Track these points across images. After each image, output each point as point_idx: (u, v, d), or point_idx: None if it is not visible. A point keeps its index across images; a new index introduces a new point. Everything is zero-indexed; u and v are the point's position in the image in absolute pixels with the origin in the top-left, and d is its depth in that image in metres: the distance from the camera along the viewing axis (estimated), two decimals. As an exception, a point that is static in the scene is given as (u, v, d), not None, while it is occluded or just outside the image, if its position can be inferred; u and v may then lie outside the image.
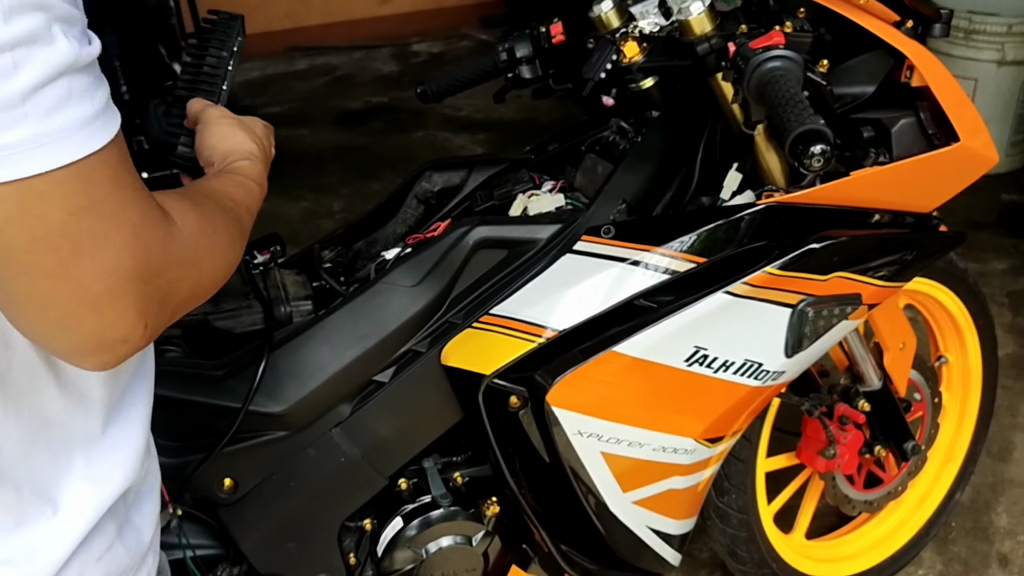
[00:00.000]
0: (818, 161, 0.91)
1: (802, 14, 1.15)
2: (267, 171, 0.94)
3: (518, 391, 1.17)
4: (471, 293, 1.21)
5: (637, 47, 1.27)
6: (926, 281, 1.62)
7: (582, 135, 1.42)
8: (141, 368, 0.80)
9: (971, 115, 1.20)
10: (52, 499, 0.70)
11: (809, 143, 0.91)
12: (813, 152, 0.91)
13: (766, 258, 1.17)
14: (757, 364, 1.21)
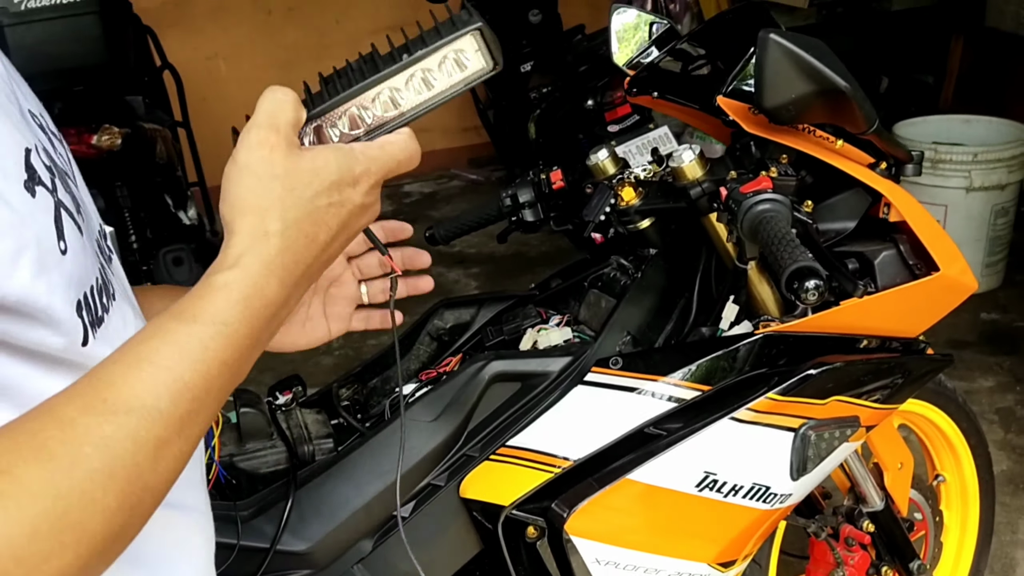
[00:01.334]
0: (812, 295, 0.99)
1: (785, 159, 1.26)
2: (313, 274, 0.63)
3: (536, 521, 1.21)
4: (487, 426, 1.26)
5: (633, 191, 1.37)
6: (918, 402, 1.68)
7: (584, 272, 1.50)
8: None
9: (947, 246, 1.29)
10: None
11: (803, 279, 0.99)
12: (807, 287, 0.99)
13: (767, 384, 1.24)
14: (765, 487, 1.26)
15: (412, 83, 0.68)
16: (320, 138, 0.68)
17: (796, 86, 1.11)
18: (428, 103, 0.69)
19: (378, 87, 0.68)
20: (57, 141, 0.65)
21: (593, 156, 1.44)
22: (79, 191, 0.65)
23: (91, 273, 0.59)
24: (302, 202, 0.62)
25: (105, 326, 0.60)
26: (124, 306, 0.66)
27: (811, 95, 1.11)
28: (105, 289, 0.62)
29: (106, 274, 0.64)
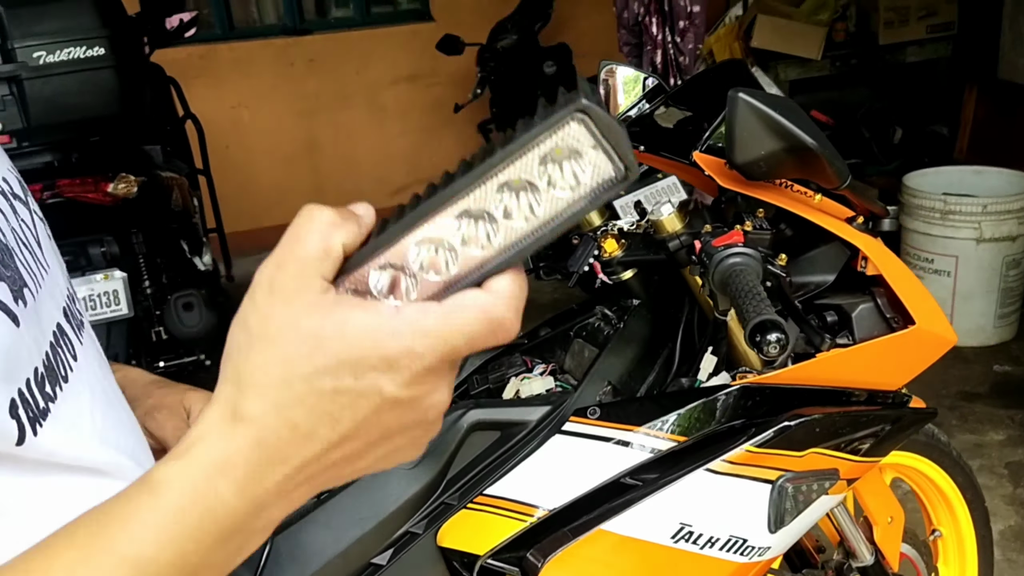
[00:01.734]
0: (774, 348, 1.00)
1: (761, 213, 1.28)
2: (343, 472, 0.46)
3: (511, 571, 1.22)
4: (466, 474, 1.28)
5: (616, 243, 1.39)
6: (911, 455, 1.67)
7: (571, 321, 1.52)
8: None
9: (925, 299, 1.30)
10: None
11: (765, 332, 1.00)
12: (769, 340, 1.00)
13: (743, 436, 1.24)
14: (742, 540, 1.25)
15: (503, 202, 0.43)
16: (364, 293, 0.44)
17: (765, 143, 1.13)
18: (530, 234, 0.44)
19: (451, 208, 0.43)
20: (19, 204, 0.64)
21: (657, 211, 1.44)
22: (36, 259, 0.61)
23: (30, 362, 0.55)
24: (294, 381, 0.42)
25: (53, 417, 0.56)
26: (79, 387, 0.61)
27: (780, 152, 1.14)
28: (51, 375, 0.58)
29: (57, 356, 0.60)
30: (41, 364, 0.56)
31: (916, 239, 3.36)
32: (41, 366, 0.56)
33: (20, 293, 0.55)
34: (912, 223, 3.34)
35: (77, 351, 0.63)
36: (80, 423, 0.59)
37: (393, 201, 4.91)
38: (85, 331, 0.67)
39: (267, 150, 5.08)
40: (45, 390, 0.55)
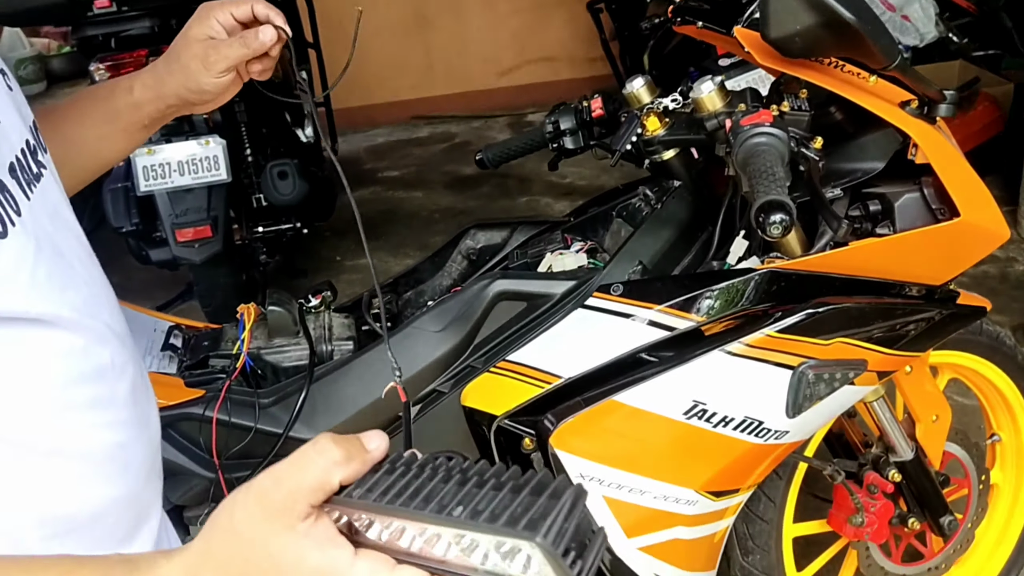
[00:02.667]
0: (776, 229, 0.98)
1: (803, 94, 1.23)
2: None
3: (527, 433, 1.27)
4: (491, 340, 1.33)
5: (659, 122, 1.37)
6: (972, 356, 1.62)
7: (616, 201, 1.52)
8: None
9: (976, 191, 1.23)
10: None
11: (770, 212, 0.99)
12: (773, 220, 0.98)
13: (767, 320, 1.24)
14: (757, 422, 1.26)
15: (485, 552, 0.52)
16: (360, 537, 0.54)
17: (800, 17, 1.08)
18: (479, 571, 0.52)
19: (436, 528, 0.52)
20: None
21: (629, 84, 1.45)
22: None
23: None
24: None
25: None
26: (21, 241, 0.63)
27: (816, 27, 1.08)
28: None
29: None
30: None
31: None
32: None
33: None
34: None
35: (21, 205, 0.65)
36: (16, 277, 0.61)
37: (501, 83, 4.86)
38: (39, 185, 0.69)
39: (379, 26, 5.10)
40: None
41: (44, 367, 0.64)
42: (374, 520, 0.53)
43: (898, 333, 1.29)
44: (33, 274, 0.63)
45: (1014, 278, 3.07)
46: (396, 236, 3.83)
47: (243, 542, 0.51)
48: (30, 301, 0.63)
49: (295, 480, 0.51)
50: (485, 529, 0.50)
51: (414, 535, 0.53)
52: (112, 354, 0.71)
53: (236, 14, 0.94)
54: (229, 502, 0.53)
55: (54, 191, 0.73)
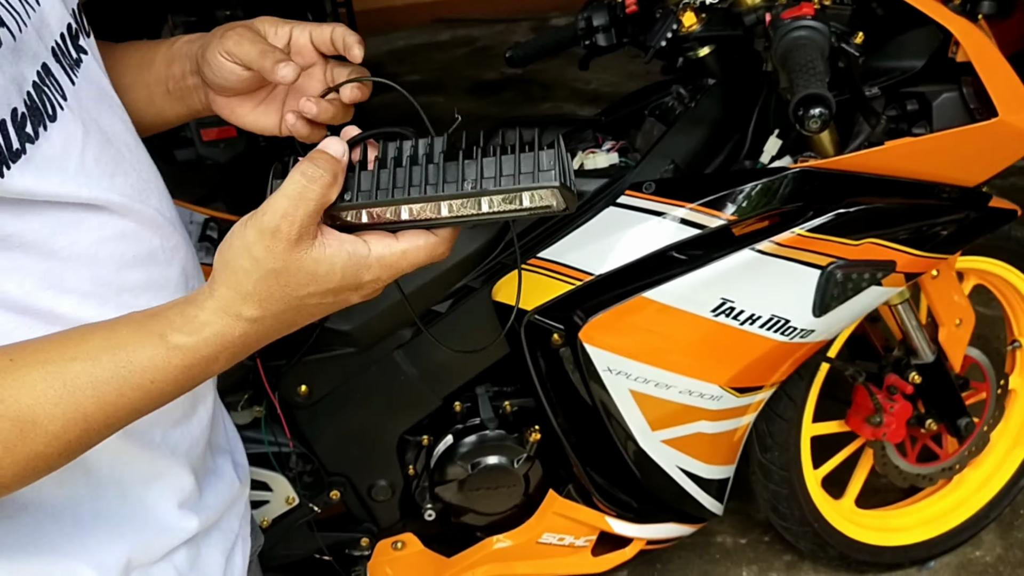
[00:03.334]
0: (815, 123, 0.98)
1: (847, -13, 1.21)
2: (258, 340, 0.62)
3: (556, 328, 1.30)
4: (523, 238, 1.34)
5: (695, 17, 1.35)
6: (997, 262, 1.62)
7: (648, 99, 1.51)
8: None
9: (1016, 92, 1.22)
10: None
11: (809, 106, 0.98)
12: (812, 114, 0.98)
13: (797, 219, 1.25)
14: (784, 320, 1.28)
15: (479, 203, 0.61)
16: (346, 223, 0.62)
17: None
18: (476, 219, 0.62)
19: (443, 201, 0.61)
20: None
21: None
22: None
23: (7, 104, 0.58)
24: (290, 299, 0.60)
25: (29, 156, 0.59)
26: (69, 126, 0.63)
27: (863, -84, 1.06)
28: (35, 115, 0.60)
29: (42, 96, 0.62)
30: (22, 104, 0.59)
31: (1081, 45, 3.04)
32: (22, 106, 0.59)
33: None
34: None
35: (67, 90, 0.64)
36: (64, 163, 0.61)
37: None
38: (82, 68, 0.68)
39: (400, -76, 4.97)
40: (26, 130, 0.59)
41: (97, 250, 0.65)
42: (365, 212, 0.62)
43: (928, 234, 1.30)
44: (82, 159, 0.64)
45: (1043, 190, 3.04)
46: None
47: (277, 273, 0.59)
48: (79, 185, 0.63)
49: (302, 211, 0.59)
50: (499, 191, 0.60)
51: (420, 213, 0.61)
52: (162, 239, 0.72)
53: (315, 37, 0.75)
54: (240, 244, 0.59)
55: (98, 76, 0.72)
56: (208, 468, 0.81)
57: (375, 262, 0.61)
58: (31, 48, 0.62)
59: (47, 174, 0.60)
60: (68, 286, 0.64)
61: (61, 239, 0.63)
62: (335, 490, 1.44)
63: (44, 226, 0.62)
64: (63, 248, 0.63)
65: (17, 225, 0.60)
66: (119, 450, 0.69)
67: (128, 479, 0.71)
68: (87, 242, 0.65)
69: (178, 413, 0.76)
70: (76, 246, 0.64)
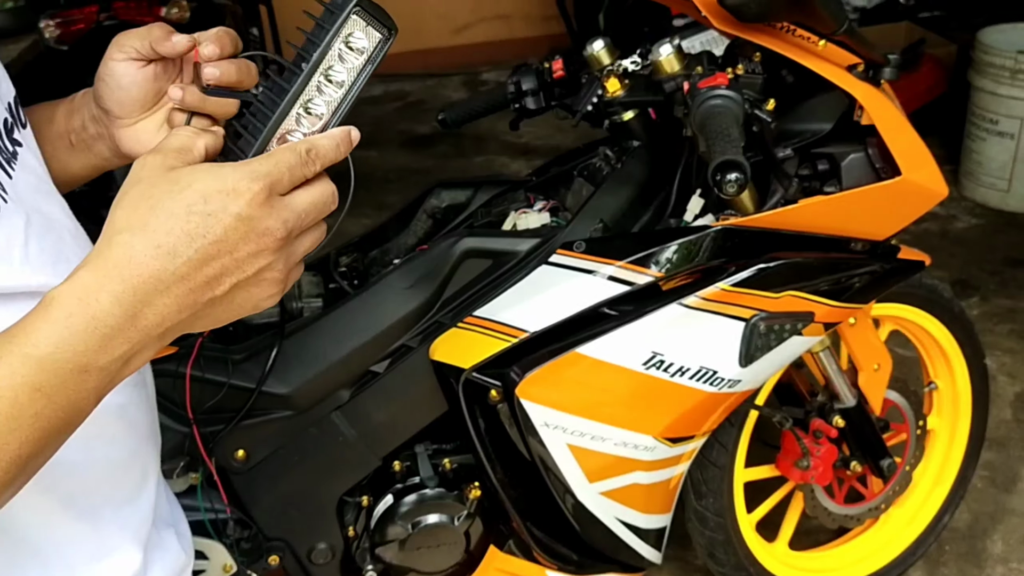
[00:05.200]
0: (731, 187, 1.04)
1: (757, 57, 1.28)
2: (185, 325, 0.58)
3: (494, 384, 1.33)
4: (459, 296, 1.37)
5: (619, 83, 1.41)
6: (910, 308, 1.70)
7: (576, 160, 1.57)
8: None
9: (917, 151, 1.30)
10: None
11: (726, 171, 1.04)
12: (728, 179, 1.04)
13: (721, 275, 1.30)
14: (712, 371, 1.33)
15: (321, 88, 0.64)
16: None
17: (755, -16, 1.13)
18: (343, 101, 0.65)
19: (293, 109, 0.64)
20: None
21: (589, 46, 1.48)
22: None
23: None
24: (155, 206, 0.55)
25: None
26: (12, 219, 0.65)
27: (770, -7, 1.13)
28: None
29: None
30: None
31: (983, 99, 3.23)
32: None
33: None
34: (980, 81, 3.20)
35: (5, 184, 0.66)
36: (9, 254, 0.63)
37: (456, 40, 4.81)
38: (19, 161, 0.69)
39: (331, -18, 5.03)
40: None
41: None
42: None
43: (843, 286, 1.37)
44: (26, 249, 0.65)
45: (954, 235, 3.19)
46: (352, 196, 3.83)
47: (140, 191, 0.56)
48: (24, 275, 0.64)
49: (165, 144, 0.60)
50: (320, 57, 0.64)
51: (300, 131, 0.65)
52: None
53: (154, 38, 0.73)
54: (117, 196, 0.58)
55: (34, 164, 0.73)
56: (154, 543, 0.81)
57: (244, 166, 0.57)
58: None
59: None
60: None
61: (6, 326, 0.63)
62: (274, 555, 1.43)
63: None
64: None
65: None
66: (68, 529, 0.69)
67: (76, 558, 0.71)
68: None
69: (127, 490, 0.76)
70: None
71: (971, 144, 3.34)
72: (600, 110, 1.47)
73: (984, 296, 2.82)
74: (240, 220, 0.55)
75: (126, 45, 0.74)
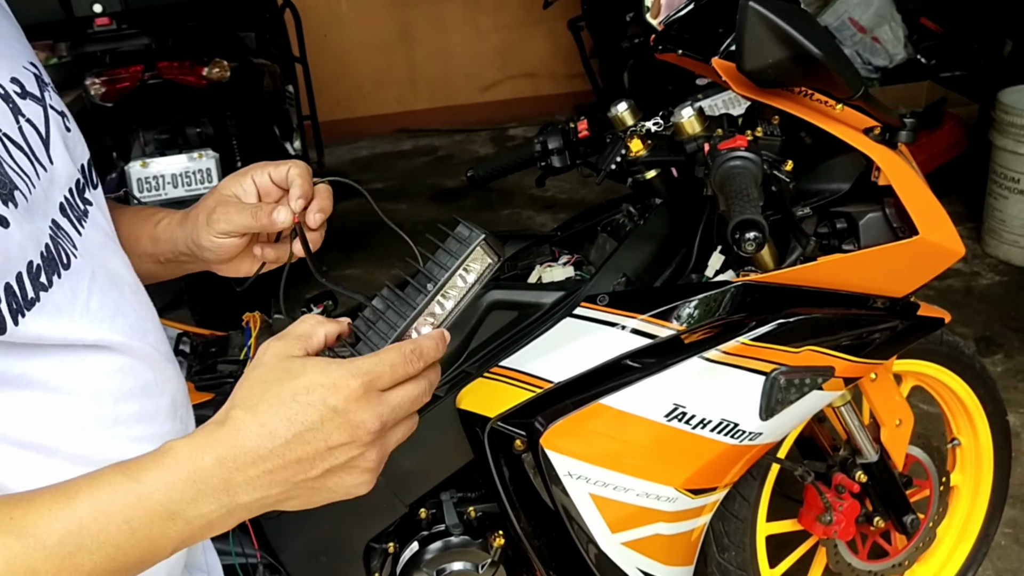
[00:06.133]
0: (750, 245, 1.08)
1: (776, 120, 1.33)
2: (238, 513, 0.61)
3: (519, 434, 1.36)
4: (485, 347, 1.41)
5: (641, 144, 1.47)
6: (932, 365, 1.72)
7: (599, 216, 1.62)
8: None
9: (934, 211, 1.34)
10: None
11: (745, 230, 1.08)
12: (747, 238, 1.08)
13: (742, 329, 1.33)
14: (733, 424, 1.36)
15: (437, 302, 0.74)
16: None
17: (772, 51, 1.18)
18: (451, 312, 0.75)
19: (412, 325, 0.73)
20: (30, 101, 0.70)
21: (613, 108, 1.54)
22: (32, 159, 0.68)
23: (23, 258, 0.63)
24: (267, 390, 0.61)
25: (42, 304, 0.64)
26: (79, 274, 0.68)
27: (787, 60, 1.18)
28: (50, 265, 0.65)
29: (57, 246, 0.67)
30: (38, 256, 0.65)
31: (1004, 157, 3.26)
32: (38, 258, 0.65)
33: (11, 196, 0.64)
34: (1001, 140, 3.24)
35: (75, 241, 0.70)
36: (72, 308, 0.67)
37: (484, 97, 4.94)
38: (89, 219, 0.75)
39: (363, 40, 5.19)
40: (40, 280, 0.64)
41: (97, 385, 0.70)
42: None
43: (863, 342, 1.39)
44: (87, 304, 0.70)
45: (978, 292, 3.20)
46: (381, 247, 3.91)
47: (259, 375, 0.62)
48: (84, 329, 0.69)
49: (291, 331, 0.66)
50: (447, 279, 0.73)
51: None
52: (156, 372, 0.76)
53: (274, 175, 0.85)
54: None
55: (103, 223, 0.79)
56: None
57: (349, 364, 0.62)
58: (41, 206, 0.68)
59: (56, 320, 0.65)
60: (67, 421, 0.68)
61: (64, 377, 0.68)
62: (302, 600, 1.46)
63: (50, 366, 0.66)
64: (66, 385, 0.68)
65: (24, 367, 0.65)
66: None
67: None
68: (89, 379, 0.70)
69: None
70: (79, 383, 0.69)
71: (993, 202, 3.36)
72: (623, 169, 1.52)
73: (1008, 353, 2.82)
74: (336, 412, 0.60)
75: (226, 229, 0.83)
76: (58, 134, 0.74)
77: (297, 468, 0.61)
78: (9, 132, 0.68)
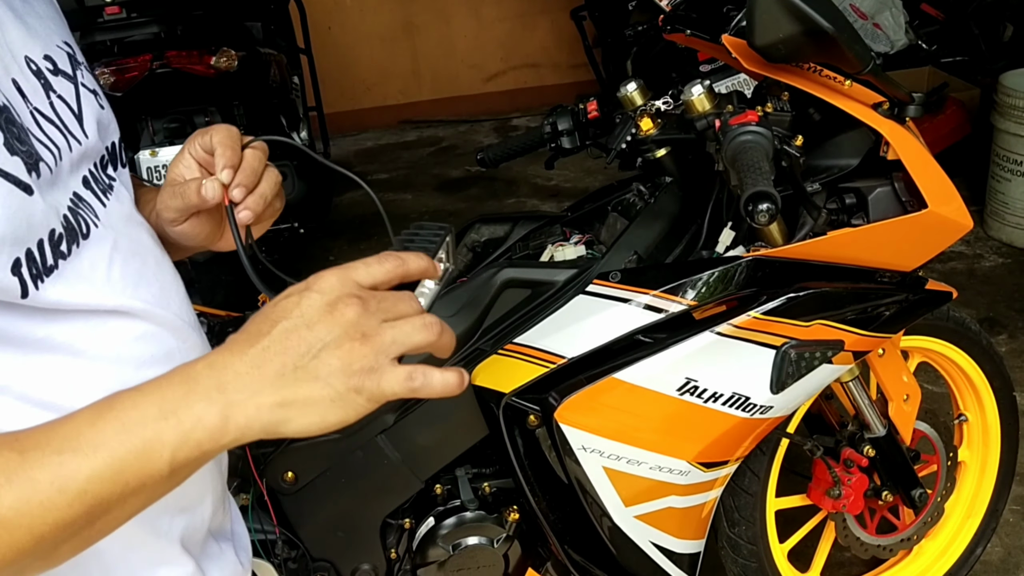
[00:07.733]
0: (763, 216, 1.10)
1: (785, 96, 1.35)
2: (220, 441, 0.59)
3: (533, 409, 1.38)
4: (499, 325, 1.43)
5: (651, 122, 1.48)
6: (939, 341, 1.74)
7: (610, 196, 1.63)
8: None
9: (942, 184, 1.36)
10: None
11: (758, 202, 1.10)
12: (760, 209, 1.10)
13: (752, 303, 1.35)
14: (744, 397, 1.38)
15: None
16: None
17: (783, 26, 1.20)
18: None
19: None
20: (62, 78, 0.72)
21: (623, 88, 1.56)
22: (64, 132, 0.71)
23: (45, 225, 0.65)
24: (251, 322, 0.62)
25: (61, 271, 0.66)
26: (100, 243, 0.70)
27: (798, 35, 1.20)
28: (71, 235, 0.67)
29: (78, 217, 0.69)
30: (60, 225, 0.67)
31: (1006, 140, 3.27)
32: (60, 227, 0.67)
33: (35, 166, 0.65)
34: (1003, 123, 3.25)
35: (98, 212, 0.72)
36: (92, 275, 0.69)
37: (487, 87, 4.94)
38: (113, 192, 0.76)
39: (367, 32, 5.20)
40: (60, 248, 0.66)
41: (118, 350, 0.71)
42: None
43: (872, 315, 1.41)
44: (109, 272, 0.71)
45: (981, 274, 3.22)
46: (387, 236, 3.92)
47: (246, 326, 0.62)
48: (105, 295, 0.70)
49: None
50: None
51: None
52: (180, 340, 0.78)
53: (204, 145, 0.81)
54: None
55: (126, 199, 0.80)
56: (211, 553, 0.85)
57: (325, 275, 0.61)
58: (64, 179, 0.70)
59: (75, 286, 0.67)
60: (89, 385, 0.69)
61: (86, 342, 0.69)
62: (320, 575, 1.48)
63: (72, 330, 0.68)
64: (88, 349, 0.69)
65: (47, 330, 0.66)
66: (129, 535, 0.74)
67: (137, 563, 0.76)
68: (111, 344, 0.71)
69: (184, 502, 0.82)
70: (100, 348, 0.70)
71: (996, 185, 3.38)
72: (633, 148, 1.53)
73: (1012, 334, 2.84)
74: (311, 291, 0.61)
75: (169, 208, 0.81)
76: (91, 111, 0.76)
77: (282, 350, 0.59)
78: (40, 106, 0.70)
